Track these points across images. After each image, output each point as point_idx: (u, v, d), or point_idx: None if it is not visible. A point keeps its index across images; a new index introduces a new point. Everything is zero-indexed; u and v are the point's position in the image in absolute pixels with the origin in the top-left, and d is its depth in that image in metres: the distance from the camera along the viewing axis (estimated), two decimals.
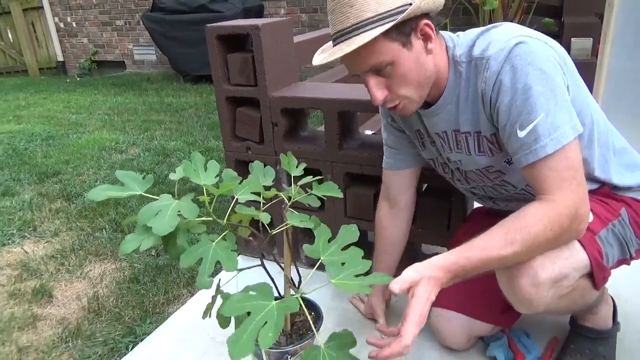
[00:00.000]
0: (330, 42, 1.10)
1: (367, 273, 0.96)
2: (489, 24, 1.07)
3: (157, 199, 0.98)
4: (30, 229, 2.44)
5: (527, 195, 1.16)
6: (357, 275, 0.94)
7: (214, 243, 0.99)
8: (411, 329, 0.92)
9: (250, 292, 0.88)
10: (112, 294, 1.85)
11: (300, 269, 1.18)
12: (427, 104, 1.11)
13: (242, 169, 1.85)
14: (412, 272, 0.95)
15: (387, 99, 1.03)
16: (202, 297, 1.73)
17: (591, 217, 1.07)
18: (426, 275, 0.94)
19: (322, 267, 1.03)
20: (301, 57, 1.87)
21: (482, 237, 0.95)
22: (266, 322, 0.81)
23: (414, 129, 1.25)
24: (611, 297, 1.34)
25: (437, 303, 1.35)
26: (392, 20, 0.93)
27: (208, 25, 1.63)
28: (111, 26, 7.04)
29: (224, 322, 1.07)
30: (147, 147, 3.61)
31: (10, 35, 7.73)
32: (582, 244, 1.03)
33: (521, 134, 0.94)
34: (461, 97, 1.06)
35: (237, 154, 1.81)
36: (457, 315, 1.33)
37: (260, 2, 5.73)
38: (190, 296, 1.78)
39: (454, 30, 1.12)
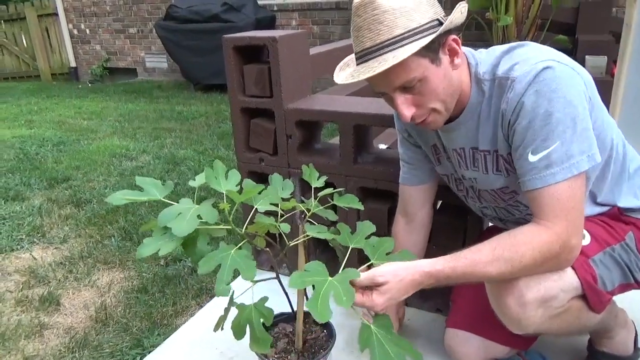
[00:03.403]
0: (351, 57, 1.09)
1: None
2: (502, 40, 1.08)
3: (176, 204, 0.98)
4: (39, 234, 2.44)
5: None
6: (388, 253, 1.07)
7: (232, 251, 0.98)
8: (358, 300, 0.97)
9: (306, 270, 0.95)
10: (120, 303, 1.83)
11: None
12: (447, 119, 1.10)
13: (255, 180, 1.83)
14: (379, 273, 0.98)
15: (416, 116, 1.02)
16: (211, 309, 1.71)
17: (588, 240, 1.08)
18: (401, 277, 0.97)
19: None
20: (316, 69, 1.86)
21: (472, 248, 0.98)
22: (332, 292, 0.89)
23: (429, 143, 1.24)
24: (632, 322, 1.31)
25: (451, 323, 1.35)
26: (424, 37, 0.92)
27: (225, 36, 1.63)
28: (124, 34, 7.11)
29: (238, 333, 1.05)
30: (157, 155, 3.61)
31: (24, 41, 7.84)
32: (573, 267, 1.03)
33: (533, 158, 0.95)
34: (482, 115, 1.06)
35: (250, 165, 1.80)
36: (472, 337, 1.30)
37: (272, 13, 5.78)
38: (199, 308, 1.76)
39: (466, 46, 1.10)
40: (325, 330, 1.23)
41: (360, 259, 1.15)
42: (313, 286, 0.92)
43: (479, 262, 0.95)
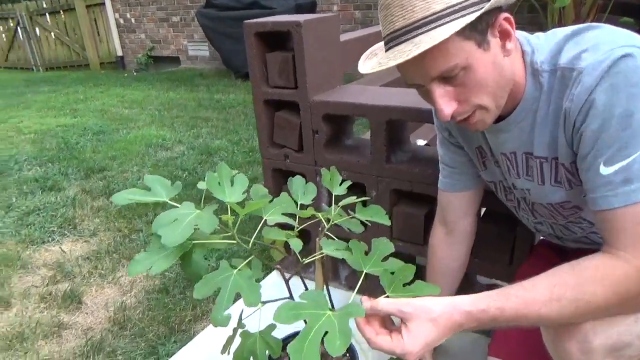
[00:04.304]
0: (379, 45, 0.92)
1: None
2: (558, 24, 0.85)
3: (175, 209, 0.86)
4: (71, 227, 2.42)
5: None
6: (405, 285, 0.86)
7: (234, 271, 0.85)
8: (386, 346, 0.79)
9: (303, 301, 0.77)
10: (140, 304, 1.76)
11: (340, 291, 1.01)
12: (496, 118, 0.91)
13: (280, 178, 1.71)
14: (405, 301, 0.80)
15: (457, 113, 0.83)
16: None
17: None
18: (434, 314, 0.77)
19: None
20: (348, 57, 1.69)
21: (525, 284, 0.77)
22: (327, 332, 0.72)
23: (474, 145, 1.05)
24: None
25: (494, 352, 1.17)
26: (468, 13, 0.73)
27: (246, 21, 1.49)
28: (167, 22, 7.16)
29: None
30: (192, 145, 3.56)
31: (74, 31, 8.06)
32: None
33: (605, 170, 0.75)
34: (539, 113, 0.86)
35: (274, 162, 1.67)
36: None
37: None
38: None
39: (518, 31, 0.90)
40: (347, 354, 1.09)
41: None
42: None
43: (533, 302, 0.75)
